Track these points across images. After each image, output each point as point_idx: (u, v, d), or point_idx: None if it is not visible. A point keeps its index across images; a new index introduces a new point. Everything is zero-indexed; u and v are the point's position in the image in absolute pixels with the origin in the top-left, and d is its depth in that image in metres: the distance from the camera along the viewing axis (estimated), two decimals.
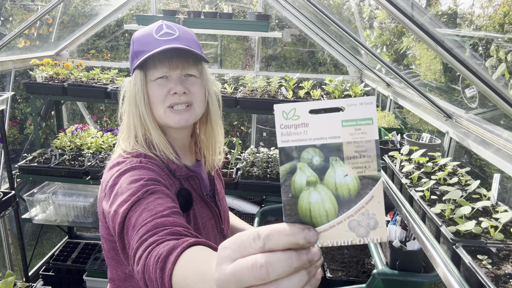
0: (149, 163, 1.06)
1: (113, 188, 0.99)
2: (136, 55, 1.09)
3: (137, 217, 0.87)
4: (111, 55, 4.26)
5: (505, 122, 1.62)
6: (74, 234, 4.05)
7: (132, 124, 1.12)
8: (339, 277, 1.79)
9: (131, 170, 1.01)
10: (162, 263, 0.71)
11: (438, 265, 1.10)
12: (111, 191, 0.99)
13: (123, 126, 1.16)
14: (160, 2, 3.80)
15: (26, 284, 2.34)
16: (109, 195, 0.99)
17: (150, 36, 1.09)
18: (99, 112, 4.75)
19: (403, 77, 2.07)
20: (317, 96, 3.23)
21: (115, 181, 1.00)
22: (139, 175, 0.99)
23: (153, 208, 0.88)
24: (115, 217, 0.92)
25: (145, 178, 0.98)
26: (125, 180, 0.98)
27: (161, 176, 1.05)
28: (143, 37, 1.10)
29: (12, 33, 2.86)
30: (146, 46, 1.08)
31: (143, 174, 1.00)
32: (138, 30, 1.13)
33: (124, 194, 0.94)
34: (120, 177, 1.00)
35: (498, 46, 1.67)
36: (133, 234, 0.85)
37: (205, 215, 1.19)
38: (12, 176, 2.82)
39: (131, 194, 0.93)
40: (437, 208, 1.19)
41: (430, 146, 1.75)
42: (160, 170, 1.08)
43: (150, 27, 1.12)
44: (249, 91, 3.33)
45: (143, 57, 1.06)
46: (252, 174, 3.06)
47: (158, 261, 0.72)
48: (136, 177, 0.98)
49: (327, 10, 2.77)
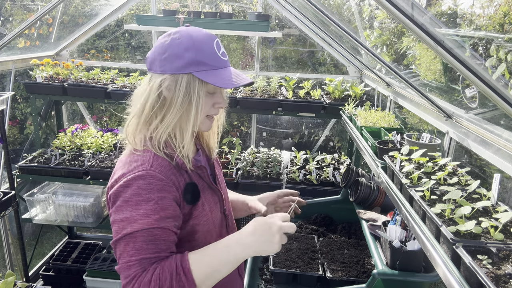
0: (158, 170, 1.13)
1: (123, 194, 1.11)
2: (197, 62, 1.14)
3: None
4: (111, 55, 4.26)
5: (505, 122, 1.62)
6: (74, 234, 4.05)
7: (169, 117, 1.16)
8: (339, 277, 1.79)
9: (142, 182, 1.11)
10: (180, 269, 1.06)
11: (438, 265, 1.10)
12: (121, 196, 1.11)
13: (138, 121, 1.20)
14: (160, 2, 3.80)
15: (26, 284, 2.34)
16: (120, 201, 1.11)
17: (212, 50, 1.16)
18: (99, 112, 4.75)
19: (403, 77, 2.07)
20: (317, 96, 3.23)
21: (127, 185, 1.11)
22: (147, 197, 1.10)
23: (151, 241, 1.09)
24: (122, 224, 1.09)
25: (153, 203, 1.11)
26: (134, 193, 1.10)
27: (168, 182, 1.14)
28: (207, 47, 1.15)
29: (12, 33, 2.86)
30: (212, 60, 1.15)
31: (151, 198, 1.10)
32: (193, 34, 1.16)
33: (132, 212, 1.09)
34: (131, 185, 1.11)
35: (498, 46, 1.67)
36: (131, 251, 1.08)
37: (211, 200, 1.28)
38: (12, 176, 2.82)
39: (142, 216, 1.09)
40: (437, 208, 1.19)
41: (430, 146, 1.75)
42: (168, 171, 1.15)
43: (207, 36, 1.17)
44: (249, 91, 3.33)
45: (208, 70, 1.14)
46: (252, 174, 3.06)
47: (175, 270, 1.05)
48: (143, 198, 1.10)
49: (327, 10, 2.77)
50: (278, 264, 1.87)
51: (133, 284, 1.03)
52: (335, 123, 4.16)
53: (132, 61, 4.23)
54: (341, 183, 2.45)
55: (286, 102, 3.12)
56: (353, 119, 2.47)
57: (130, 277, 1.04)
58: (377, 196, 2.11)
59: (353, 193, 2.20)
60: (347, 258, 1.96)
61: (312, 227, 2.30)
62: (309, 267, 1.85)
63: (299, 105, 3.12)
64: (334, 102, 3.13)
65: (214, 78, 1.14)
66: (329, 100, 3.18)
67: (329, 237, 2.21)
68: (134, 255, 1.06)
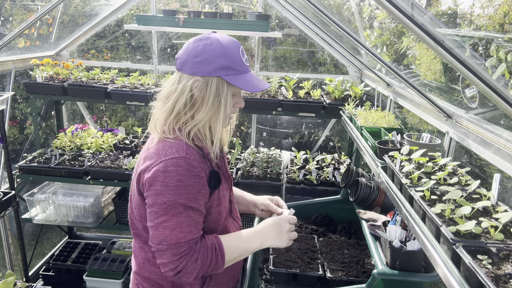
0: (192, 158, 1.28)
1: (161, 178, 1.25)
2: (227, 67, 1.29)
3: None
4: (111, 55, 4.26)
5: (505, 122, 1.62)
6: (74, 234, 4.05)
7: (201, 115, 1.31)
8: (339, 277, 1.79)
9: (180, 169, 1.25)
10: (218, 252, 1.32)
11: (438, 265, 1.10)
12: (160, 180, 1.25)
13: (180, 110, 1.32)
14: (160, 2, 3.80)
15: (26, 284, 2.34)
16: (160, 185, 1.25)
17: (237, 55, 1.31)
18: (99, 112, 4.75)
19: (403, 77, 2.07)
20: (317, 96, 3.23)
21: (165, 170, 1.25)
22: (186, 182, 1.26)
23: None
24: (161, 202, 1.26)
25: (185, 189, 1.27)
26: (174, 178, 1.24)
27: (200, 169, 1.29)
28: (232, 53, 1.30)
29: (12, 33, 2.86)
30: (238, 65, 1.31)
31: (186, 184, 1.26)
32: (223, 41, 1.30)
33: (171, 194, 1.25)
34: (170, 170, 1.24)
35: (498, 46, 1.67)
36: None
37: (225, 187, 1.46)
38: (12, 176, 2.82)
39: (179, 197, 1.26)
40: (437, 208, 1.19)
41: (430, 146, 1.75)
42: (198, 159, 1.31)
43: (234, 44, 1.32)
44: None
45: (235, 75, 1.30)
46: (252, 174, 3.06)
47: (214, 252, 1.31)
48: (181, 183, 1.26)
49: (327, 10, 2.77)
50: (278, 264, 1.87)
51: (182, 261, 1.26)
52: (335, 123, 4.16)
53: (132, 61, 4.23)
54: (341, 183, 2.45)
55: (286, 102, 3.12)
56: (353, 119, 2.47)
57: (180, 255, 1.26)
58: (377, 196, 2.11)
59: (353, 193, 2.20)
60: (347, 258, 1.96)
61: (312, 227, 2.30)
62: (309, 267, 1.85)
63: (299, 105, 3.12)
64: (334, 102, 3.13)
65: (241, 82, 1.30)
66: (329, 100, 3.18)
67: (329, 237, 2.21)
68: (182, 238, 1.26)
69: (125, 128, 4.39)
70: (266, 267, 1.94)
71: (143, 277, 1.48)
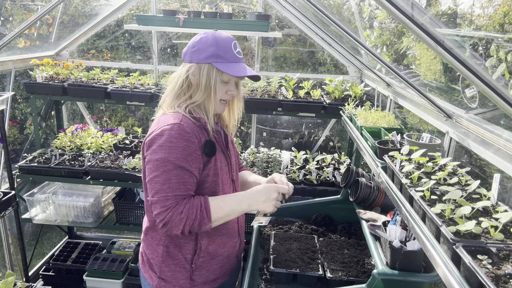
0: (186, 125, 1.47)
1: (157, 140, 1.46)
2: (217, 55, 1.49)
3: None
4: (111, 55, 4.26)
5: (505, 122, 1.62)
6: (74, 234, 4.05)
7: (197, 96, 1.53)
8: (339, 277, 1.79)
9: (173, 133, 1.45)
10: (203, 208, 1.45)
11: (438, 265, 1.10)
12: (156, 142, 1.46)
13: (172, 94, 1.57)
14: (160, 2, 3.80)
15: (26, 284, 2.34)
16: (156, 146, 1.46)
17: (229, 47, 1.51)
18: (99, 112, 4.75)
19: (403, 77, 2.07)
20: (317, 96, 3.23)
21: (161, 134, 1.46)
22: (177, 144, 1.45)
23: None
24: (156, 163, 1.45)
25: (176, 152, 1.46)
26: (167, 140, 1.44)
27: (193, 135, 1.47)
28: (224, 45, 1.50)
29: (12, 33, 2.86)
30: (226, 54, 1.50)
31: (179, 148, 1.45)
32: (217, 34, 1.52)
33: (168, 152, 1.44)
34: (164, 134, 1.45)
35: (498, 46, 1.67)
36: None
37: (222, 162, 1.63)
38: (12, 176, 2.82)
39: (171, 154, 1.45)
40: (437, 208, 1.19)
41: (430, 146, 1.75)
42: (193, 127, 1.49)
43: (228, 38, 1.53)
44: (249, 91, 3.33)
45: (224, 63, 1.49)
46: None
47: (200, 208, 1.45)
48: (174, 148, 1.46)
49: (327, 10, 2.77)
50: (278, 264, 1.87)
51: (168, 212, 1.41)
52: (335, 123, 4.16)
53: (132, 61, 4.23)
54: (341, 183, 2.45)
55: (286, 102, 3.12)
56: (353, 119, 2.47)
57: (167, 207, 1.42)
58: (377, 196, 2.11)
59: (353, 193, 2.20)
60: (347, 258, 1.96)
61: (312, 227, 2.30)
62: (309, 267, 1.85)
63: (299, 105, 3.12)
64: (334, 102, 3.13)
65: (228, 69, 1.49)
66: (329, 100, 3.18)
67: (329, 237, 2.21)
68: (170, 192, 1.43)
69: (125, 128, 4.40)
70: (266, 267, 1.94)
71: (147, 244, 1.70)
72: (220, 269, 1.70)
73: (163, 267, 1.63)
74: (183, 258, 1.62)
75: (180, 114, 1.51)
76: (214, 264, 1.67)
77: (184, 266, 1.62)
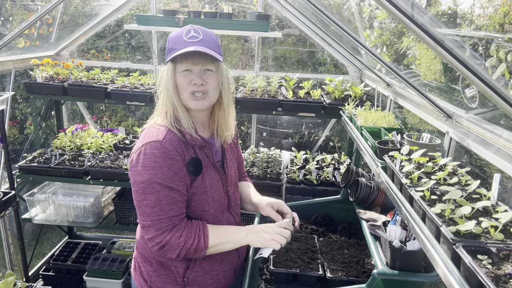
0: (168, 143, 1.40)
1: (141, 160, 1.40)
2: (169, 51, 1.43)
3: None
4: (111, 55, 4.26)
5: (505, 122, 1.62)
6: (74, 234, 4.05)
7: (164, 103, 1.47)
8: (339, 277, 1.79)
9: (156, 151, 1.39)
10: (201, 233, 1.42)
11: (438, 265, 1.10)
12: (139, 162, 1.39)
13: (158, 104, 1.52)
14: (160, 2, 3.80)
15: (26, 284, 2.34)
16: (140, 166, 1.39)
17: (180, 37, 1.42)
18: (99, 112, 4.75)
19: (403, 77, 2.07)
20: (317, 96, 3.23)
21: (144, 153, 1.39)
22: (161, 163, 1.39)
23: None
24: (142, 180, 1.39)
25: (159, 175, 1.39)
26: (151, 160, 1.38)
27: (176, 153, 1.41)
28: (175, 38, 1.43)
29: (12, 33, 2.86)
30: (177, 45, 1.41)
31: (160, 167, 1.39)
32: (173, 32, 1.46)
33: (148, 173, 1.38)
34: (147, 153, 1.39)
35: (498, 46, 1.67)
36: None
37: (214, 177, 1.54)
38: (12, 176, 2.82)
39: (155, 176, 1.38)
40: (437, 208, 1.19)
41: (430, 146, 1.75)
42: (177, 144, 1.42)
43: (182, 29, 1.44)
44: (249, 91, 3.33)
45: (174, 54, 1.39)
46: (252, 174, 3.05)
47: (198, 233, 1.42)
48: (155, 165, 1.39)
49: (327, 10, 2.77)
50: (278, 264, 1.87)
51: (166, 236, 1.38)
52: (335, 123, 4.16)
53: (132, 61, 4.23)
54: (341, 183, 2.45)
55: (286, 102, 3.12)
56: (353, 119, 2.47)
57: (163, 230, 1.38)
58: (377, 196, 2.11)
59: (353, 193, 2.20)
60: (347, 258, 1.96)
61: (312, 227, 2.30)
62: (309, 267, 1.85)
63: (299, 105, 3.12)
64: (334, 102, 3.13)
65: (172, 56, 1.40)
66: (329, 100, 3.18)
67: (329, 237, 2.21)
68: (162, 214, 1.38)
69: (125, 128, 4.39)
70: (266, 267, 1.94)
71: (139, 253, 1.64)
72: (214, 284, 1.60)
73: (154, 277, 1.57)
74: (175, 270, 1.54)
75: (165, 128, 1.44)
76: (208, 279, 1.58)
77: (175, 279, 1.55)
